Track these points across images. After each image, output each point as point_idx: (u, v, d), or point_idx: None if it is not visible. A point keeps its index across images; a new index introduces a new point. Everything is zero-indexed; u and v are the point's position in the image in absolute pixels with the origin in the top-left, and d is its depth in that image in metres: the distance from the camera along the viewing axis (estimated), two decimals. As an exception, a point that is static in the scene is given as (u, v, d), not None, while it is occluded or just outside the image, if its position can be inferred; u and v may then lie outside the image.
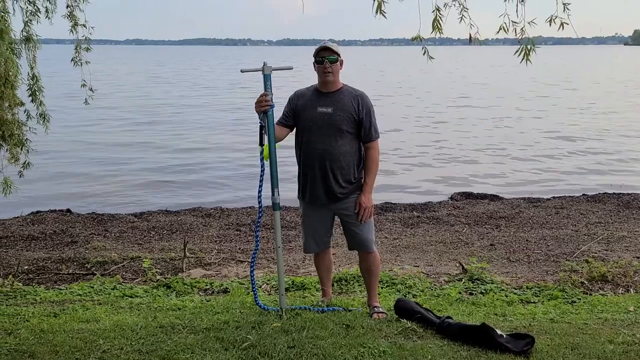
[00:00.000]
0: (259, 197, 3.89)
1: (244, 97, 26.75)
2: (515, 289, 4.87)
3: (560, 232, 7.05)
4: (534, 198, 9.30)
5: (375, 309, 3.95)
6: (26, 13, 5.72)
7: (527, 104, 24.92)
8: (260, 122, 3.71)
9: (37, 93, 6.01)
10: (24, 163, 6.11)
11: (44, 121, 6.15)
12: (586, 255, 5.95)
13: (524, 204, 8.73)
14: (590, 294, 4.69)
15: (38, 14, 5.75)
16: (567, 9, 2.70)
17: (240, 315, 3.85)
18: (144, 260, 5.65)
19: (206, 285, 4.99)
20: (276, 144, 3.76)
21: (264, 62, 3.71)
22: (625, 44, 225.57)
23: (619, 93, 30.14)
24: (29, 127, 6.00)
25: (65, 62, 6.45)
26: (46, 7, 5.81)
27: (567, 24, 2.70)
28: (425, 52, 3.45)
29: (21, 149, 5.95)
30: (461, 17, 3.13)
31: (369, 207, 3.82)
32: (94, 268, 5.73)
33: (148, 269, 5.41)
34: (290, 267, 5.75)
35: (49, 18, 5.85)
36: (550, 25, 2.71)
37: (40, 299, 4.57)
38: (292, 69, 4.09)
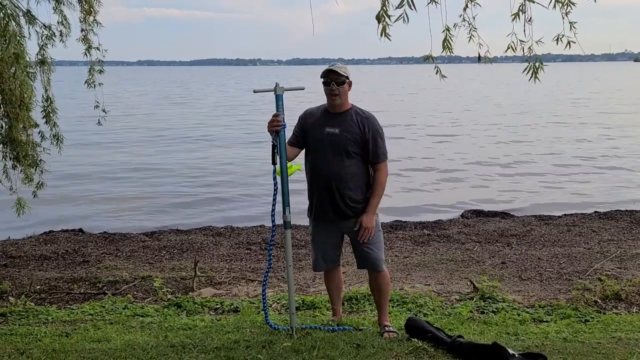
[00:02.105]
0: (272, 215, 3.89)
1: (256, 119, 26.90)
2: (528, 307, 4.83)
3: (572, 250, 6.99)
4: (545, 215, 9.24)
5: (386, 328, 3.93)
6: (41, 37, 5.85)
7: (539, 120, 24.87)
8: (272, 142, 3.75)
9: (51, 114, 6.12)
10: (38, 183, 6.20)
11: (57, 142, 6.25)
12: (599, 273, 5.88)
13: (535, 222, 8.68)
14: (604, 313, 4.64)
15: (53, 37, 5.88)
16: (574, 27, 2.73)
17: (251, 335, 3.85)
18: (155, 279, 5.67)
19: (216, 304, 5.00)
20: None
21: (275, 83, 3.76)
22: (635, 60, 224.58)
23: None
24: (43, 148, 6.10)
25: (79, 83, 6.58)
26: (61, 30, 5.95)
27: (574, 42, 2.73)
28: (437, 71, 3.48)
29: (35, 170, 6.04)
30: (470, 37, 3.17)
31: (370, 228, 3.79)
32: (105, 287, 5.75)
33: (159, 288, 5.42)
34: (301, 286, 5.74)
35: (63, 41, 5.99)
36: (557, 43, 2.74)
37: (52, 318, 4.60)
38: (303, 89, 4.11)
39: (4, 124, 5.74)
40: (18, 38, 5.27)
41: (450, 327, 4.10)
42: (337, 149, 3.74)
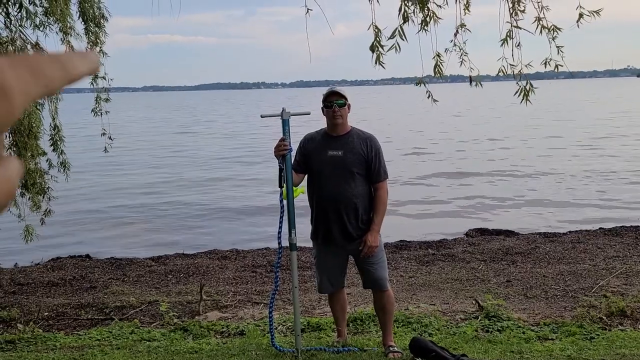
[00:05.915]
0: (279, 237, 3.95)
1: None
2: (533, 325, 4.83)
3: (577, 266, 6.98)
4: (550, 233, 9.22)
5: (391, 349, 3.95)
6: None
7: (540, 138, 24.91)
8: (280, 165, 3.84)
9: (58, 142, 6.25)
10: (45, 210, 6.29)
11: (64, 169, 6.36)
12: (605, 290, 5.87)
13: (540, 239, 8.67)
14: (609, 330, 4.63)
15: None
16: (561, 51, 2.81)
17: (256, 357, 3.88)
18: (162, 304, 5.70)
19: (222, 327, 5.02)
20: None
21: (282, 108, 3.85)
22: (638, 76, 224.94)
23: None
24: (51, 176, 6.21)
25: (86, 112, 6.71)
26: (67, 61, 6.09)
27: (562, 66, 2.81)
28: (429, 95, 3.58)
29: (43, 197, 6.14)
30: (461, 61, 3.26)
31: (373, 247, 3.85)
32: (112, 313, 5.79)
33: (165, 313, 5.45)
34: (306, 307, 5.76)
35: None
36: (545, 67, 2.81)
37: (60, 344, 4.64)
38: (309, 114, 4.18)
39: (12, 153, 5.85)
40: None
41: (455, 346, 4.11)
42: (342, 171, 3.82)
